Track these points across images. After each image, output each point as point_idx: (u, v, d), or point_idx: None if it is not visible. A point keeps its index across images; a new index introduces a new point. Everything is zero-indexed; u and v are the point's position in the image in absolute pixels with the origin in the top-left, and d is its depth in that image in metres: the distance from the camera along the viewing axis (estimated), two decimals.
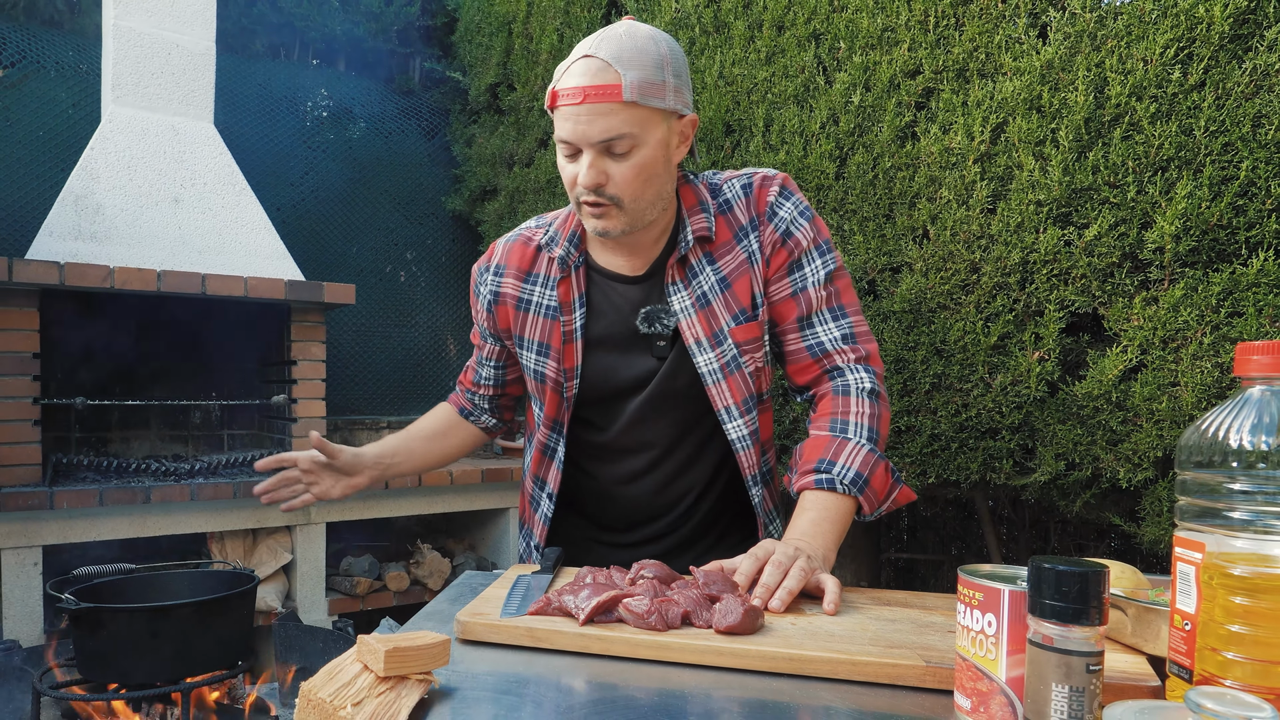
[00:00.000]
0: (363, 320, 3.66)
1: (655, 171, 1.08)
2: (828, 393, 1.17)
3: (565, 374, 1.22)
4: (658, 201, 1.12)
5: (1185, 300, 1.42)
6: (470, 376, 1.43)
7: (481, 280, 1.28)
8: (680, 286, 1.17)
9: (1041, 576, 0.58)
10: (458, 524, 3.52)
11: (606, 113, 1.03)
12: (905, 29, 1.75)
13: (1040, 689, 0.58)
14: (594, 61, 1.03)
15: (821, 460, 1.08)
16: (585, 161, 1.06)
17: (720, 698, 0.74)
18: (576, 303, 1.20)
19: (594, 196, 1.08)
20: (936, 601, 0.99)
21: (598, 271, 1.21)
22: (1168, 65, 1.40)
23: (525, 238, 1.26)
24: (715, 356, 1.16)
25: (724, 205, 1.18)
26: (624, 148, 1.05)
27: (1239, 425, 0.64)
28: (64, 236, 2.57)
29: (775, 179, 1.18)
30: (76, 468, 2.64)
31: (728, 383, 1.17)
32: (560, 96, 1.05)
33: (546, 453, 1.28)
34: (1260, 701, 0.50)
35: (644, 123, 1.05)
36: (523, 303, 1.24)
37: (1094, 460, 1.59)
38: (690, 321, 1.16)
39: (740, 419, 1.18)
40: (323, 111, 3.73)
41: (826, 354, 1.17)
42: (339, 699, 0.68)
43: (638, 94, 1.03)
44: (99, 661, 1.94)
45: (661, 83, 1.05)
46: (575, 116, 1.04)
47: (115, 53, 2.79)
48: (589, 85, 1.03)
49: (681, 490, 1.27)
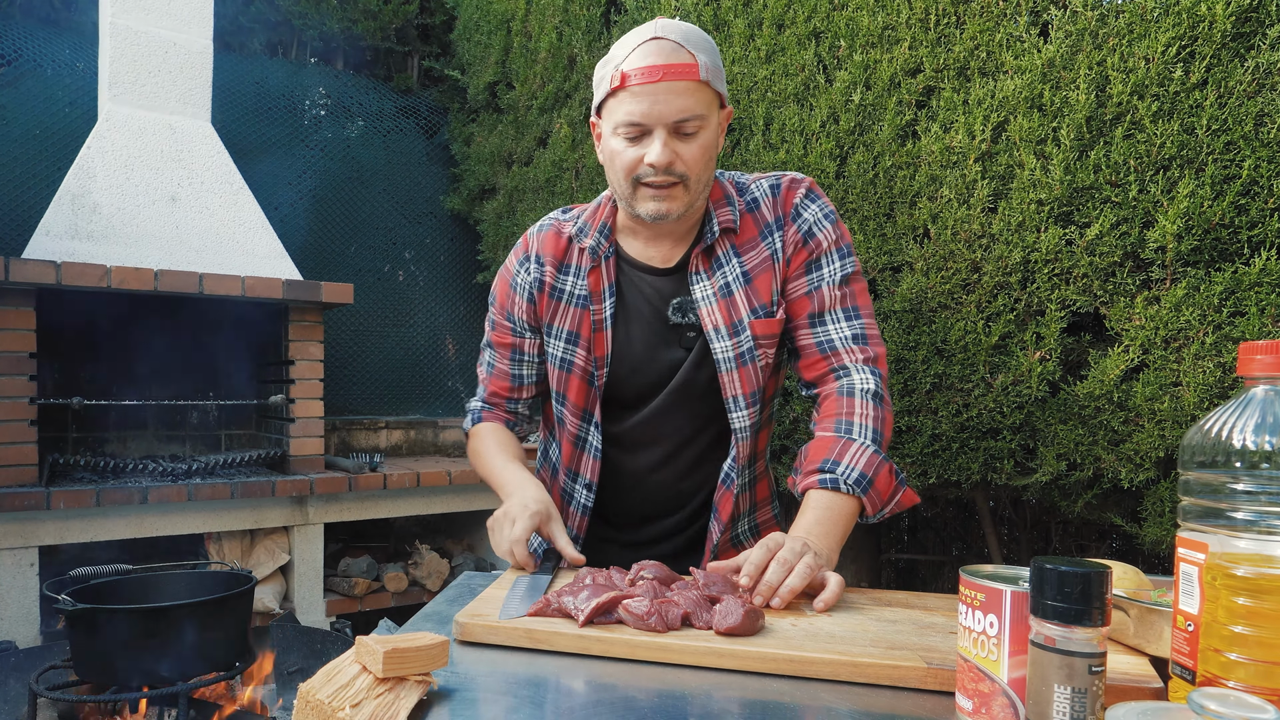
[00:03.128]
0: (361, 320, 3.65)
1: (713, 155, 1.13)
2: (832, 393, 1.17)
3: (595, 362, 1.23)
4: (709, 186, 1.15)
5: (1187, 300, 1.41)
6: (506, 384, 1.34)
7: (523, 269, 1.28)
8: (704, 275, 1.20)
9: (1043, 577, 0.58)
10: (456, 525, 3.52)
11: (684, 91, 1.06)
12: (906, 27, 1.75)
13: (1042, 690, 0.57)
14: (666, 43, 1.06)
15: (826, 460, 1.09)
16: (658, 139, 1.07)
17: (720, 699, 0.73)
18: (606, 292, 1.22)
19: (664, 176, 1.09)
20: (938, 602, 0.99)
21: (628, 263, 1.23)
22: (1170, 64, 1.39)
23: (556, 229, 1.28)
24: (732, 345, 1.18)
25: (751, 204, 1.21)
26: (694, 127, 1.08)
27: (1242, 425, 0.64)
28: (61, 236, 2.56)
29: (803, 182, 1.21)
30: (73, 468, 2.63)
31: (739, 372, 1.19)
32: (632, 76, 1.06)
33: (579, 445, 1.28)
34: (1263, 703, 0.49)
35: (710, 104, 1.09)
36: (556, 291, 1.26)
37: (1096, 460, 1.59)
38: (710, 309, 1.19)
39: (745, 410, 1.20)
40: (320, 110, 3.72)
41: (835, 351, 1.18)
42: (337, 700, 0.68)
43: (710, 75, 1.07)
44: (96, 662, 1.93)
45: (720, 69, 1.11)
46: (653, 94, 1.06)
47: (112, 51, 2.79)
48: (667, 64, 1.05)
49: (695, 485, 1.29)
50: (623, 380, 1.24)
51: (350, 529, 3.36)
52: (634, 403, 1.25)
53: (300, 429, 2.89)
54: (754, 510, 1.34)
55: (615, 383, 1.24)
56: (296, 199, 3.54)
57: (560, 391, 1.28)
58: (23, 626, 2.39)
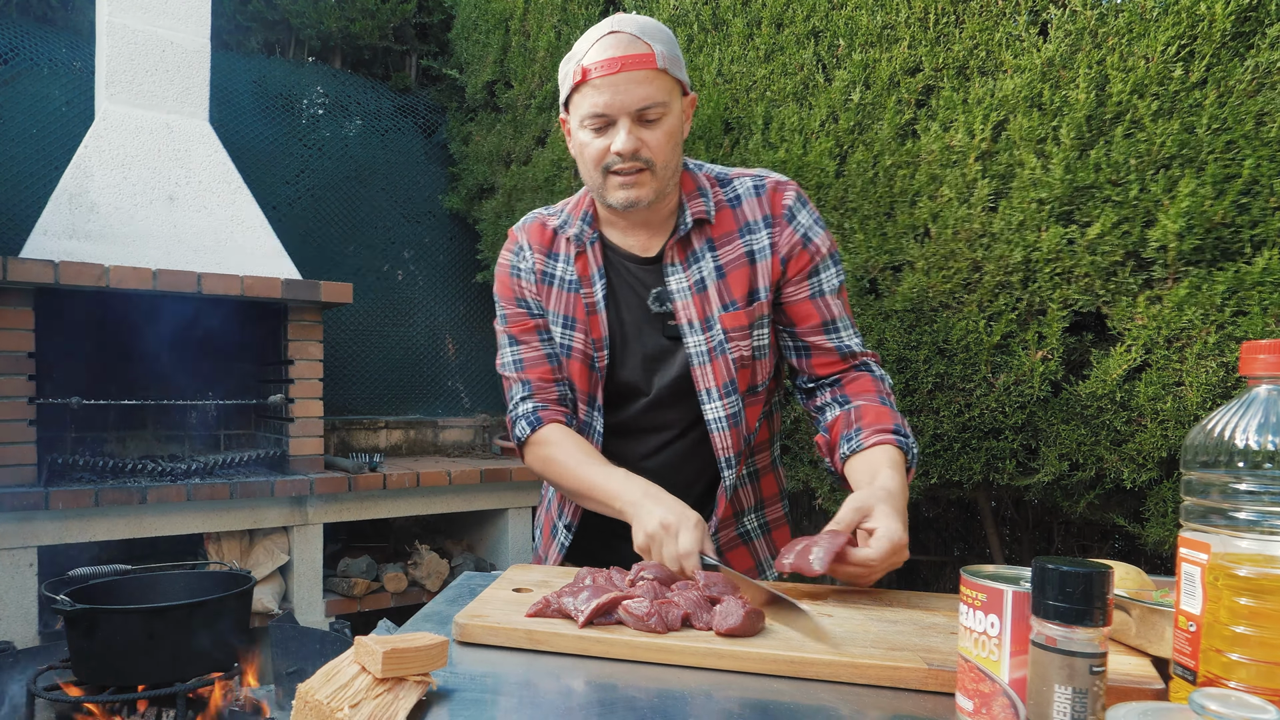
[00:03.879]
0: (360, 319, 3.64)
1: (678, 141, 1.16)
2: (866, 373, 1.24)
3: (594, 344, 1.26)
4: (677, 172, 1.19)
5: (1189, 299, 1.41)
6: (547, 367, 1.28)
7: (518, 257, 1.30)
8: (679, 268, 1.22)
9: (1045, 577, 0.58)
10: (456, 525, 3.51)
11: (643, 80, 1.10)
12: (905, 26, 1.74)
13: (1043, 691, 0.57)
14: (623, 35, 1.10)
15: (897, 425, 1.15)
16: (622, 128, 1.11)
17: (721, 699, 0.73)
18: (596, 275, 1.25)
19: (630, 163, 1.13)
20: (938, 602, 1.00)
21: (613, 250, 1.26)
22: (1169, 63, 1.39)
23: (540, 222, 1.31)
24: (705, 340, 1.22)
25: (733, 200, 1.23)
26: (656, 114, 1.12)
27: (1245, 425, 0.64)
28: (58, 235, 2.56)
29: (789, 184, 1.24)
30: (72, 468, 2.63)
31: (711, 366, 1.22)
32: (592, 70, 1.10)
33: (584, 431, 1.30)
34: (1265, 704, 0.49)
35: (670, 92, 1.13)
36: (547, 277, 1.28)
37: (1098, 460, 1.59)
38: (685, 304, 1.22)
39: (719, 401, 1.23)
40: (319, 109, 3.72)
41: (853, 354, 1.25)
42: (336, 700, 0.68)
43: (667, 63, 1.11)
44: (94, 663, 1.92)
45: (678, 57, 1.14)
46: (613, 86, 1.09)
47: (109, 49, 2.78)
48: (625, 55, 1.09)
49: (693, 474, 1.30)
50: (621, 363, 1.26)
51: (349, 529, 3.36)
52: (631, 388, 1.27)
53: (299, 429, 2.88)
54: (762, 506, 1.35)
55: (614, 366, 1.27)
56: (295, 198, 3.54)
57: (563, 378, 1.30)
58: (21, 627, 2.39)
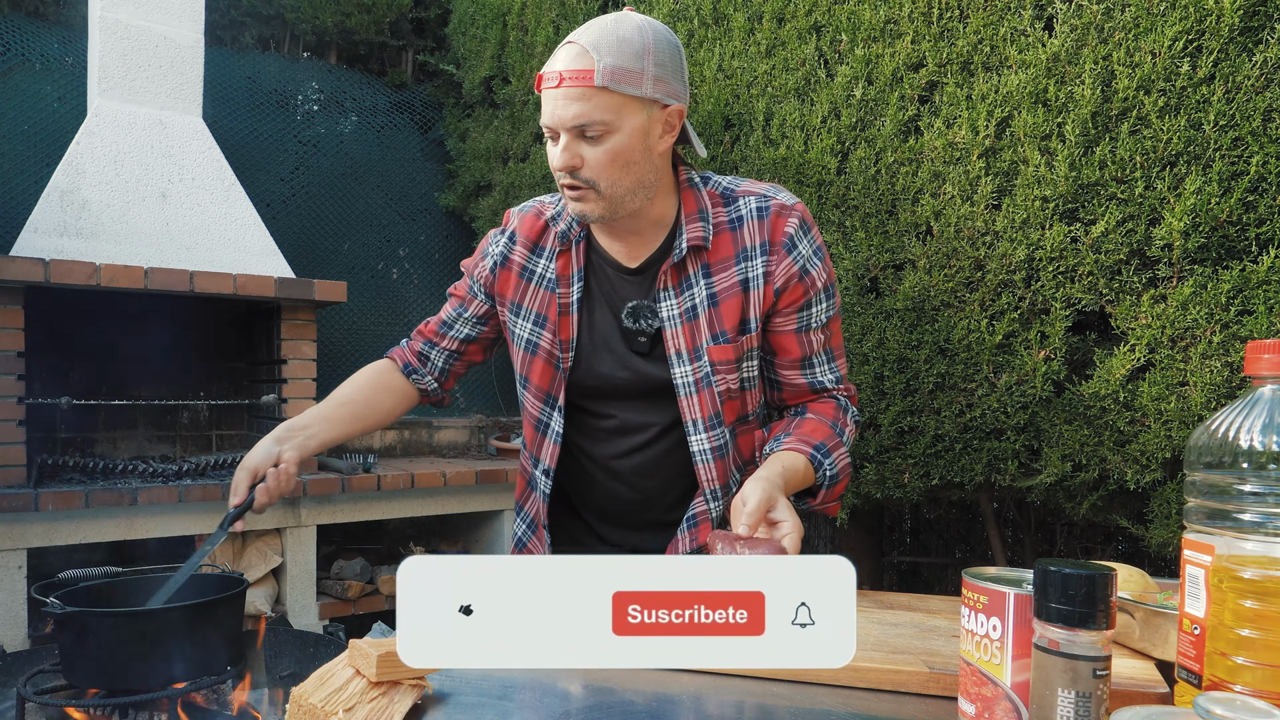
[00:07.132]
0: (354, 318, 3.62)
1: (632, 159, 1.11)
2: (832, 401, 1.25)
3: (561, 345, 1.25)
4: (639, 190, 1.14)
5: (1194, 298, 1.40)
6: (435, 327, 1.42)
7: (494, 242, 1.33)
8: (672, 294, 1.20)
9: (1047, 580, 0.57)
10: (451, 526, 3.50)
11: (579, 97, 1.06)
12: (908, 21, 1.73)
13: (1046, 694, 0.57)
14: (574, 47, 1.08)
15: (822, 445, 1.15)
16: (561, 144, 1.10)
17: (719, 703, 0.73)
18: (574, 276, 1.24)
19: (570, 179, 1.12)
20: (940, 605, 1.01)
21: (597, 254, 1.25)
22: (1176, 58, 1.38)
23: (537, 210, 1.31)
24: (692, 370, 1.20)
25: (734, 221, 1.20)
26: (597, 132, 1.08)
27: (1249, 425, 0.65)
28: (49, 233, 2.53)
29: (795, 209, 1.20)
30: (62, 469, 2.60)
31: (698, 397, 1.21)
32: (543, 80, 1.10)
33: (539, 428, 1.30)
34: (1270, 707, 0.49)
35: (618, 109, 1.07)
36: (526, 272, 1.28)
37: (1101, 461, 1.58)
38: (675, 332, 1.20)
39: (704, 434, 1.22)
40: (314, 105, 3.69)
41: (825, 389, 1.26)
42: (330, 704, 0.68)
43: (609, 79, 1.05)
44: (85, 667, 1.90)
45: (639, 71, 1.07)
46: (553, 100, 1.08)
47: (101, 45, 2.75)
48: (565, 70, 1.07)
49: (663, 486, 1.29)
50: (588, 368, 1.25)
51: (343, 531, 3.34)
52: (596, 392, 1.27)
53: None
54: None
55: (580, 368, 1.26)
56: (289, 195, 3.51)
57: (523, 374, 1.30)
58: (10, 630, 2.37)
